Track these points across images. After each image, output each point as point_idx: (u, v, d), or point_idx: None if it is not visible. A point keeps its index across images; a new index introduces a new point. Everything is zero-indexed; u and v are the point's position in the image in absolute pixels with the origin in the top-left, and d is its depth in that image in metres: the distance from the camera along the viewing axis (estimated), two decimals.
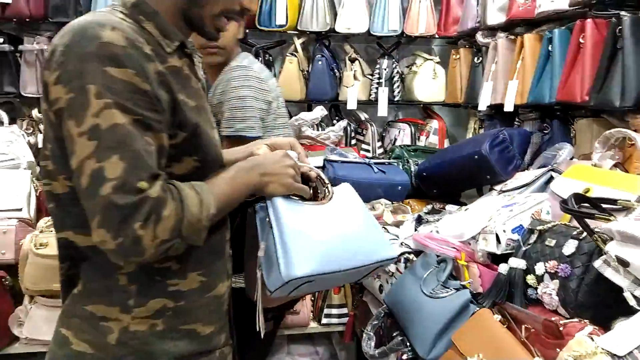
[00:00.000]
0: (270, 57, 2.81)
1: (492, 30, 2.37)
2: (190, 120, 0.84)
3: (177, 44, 0.86)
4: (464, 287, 1.29)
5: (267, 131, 1.53)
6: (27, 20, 2.47)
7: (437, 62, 2.86)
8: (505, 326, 1.13)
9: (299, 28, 2.69)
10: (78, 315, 0.87)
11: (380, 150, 2.95)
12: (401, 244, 1.58)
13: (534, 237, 1.19)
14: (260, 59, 2.71)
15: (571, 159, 1.74)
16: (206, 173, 0.91)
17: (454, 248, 1.34)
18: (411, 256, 1.53)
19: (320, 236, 0.97)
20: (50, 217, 1.42)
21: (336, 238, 0.99)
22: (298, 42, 2.74)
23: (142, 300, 0.86)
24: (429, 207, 1.96)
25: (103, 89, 0.72)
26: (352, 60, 2.87)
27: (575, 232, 1.10)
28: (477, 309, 1.22)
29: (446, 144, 2.99)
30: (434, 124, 2.97)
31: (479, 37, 2.42)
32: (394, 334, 1.40)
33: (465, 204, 2.13)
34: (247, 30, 2.73)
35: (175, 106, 0.82)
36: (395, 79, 2.85)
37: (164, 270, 0.87)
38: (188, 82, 0.88)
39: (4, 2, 2.41)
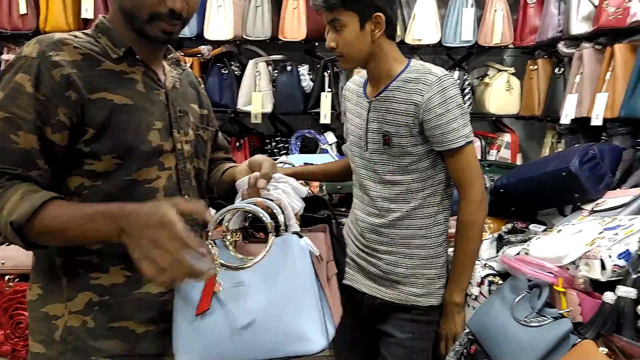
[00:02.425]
0: (337, 69, 2.80)
1: (575, 40, 2.25)
2: (99, 117, 0.92)
3: (124, 50, 0.97)
4: (563, 316, 1.20)
5: None
6: None
7: (512, 73, 2.76)
8: None
9: None
10: (34, 319, 1.00)
11: None
12: (485, 265, 1.50)
13: None
14: (328, 71, 2.70)
15: None
16: (131, 172, 0.95)
17: (551, 273, 1.25)
18: (496, 279, 1.45)
19: (213, 323, 0.90)
20: None
21: (232, 328, 0.89)
22: None
23: (72, 294, 0.96)
24: (509, 226, 1.85)
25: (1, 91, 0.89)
26: None
27: None
28: (579, 340, 1.13)
29: (519, 158, 2.87)
30: (506, 137, 2.85)
31: (562, 47, 2.30)
32: None
33: (545, 223, 2.01)
34: (317, 44, 2.75)
35: (83, 103, 0.91)
36: (467, 90, 2.76)
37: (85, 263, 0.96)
38: (127, 83, 0.97)
39: None
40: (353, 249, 1.55)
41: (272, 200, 0.96)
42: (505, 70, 2.75)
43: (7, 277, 1.84)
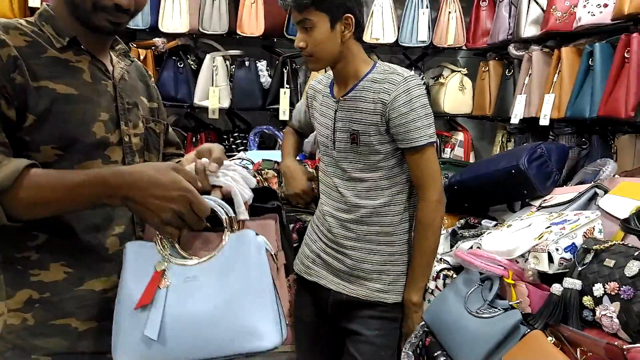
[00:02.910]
0: (296, 66, 2.80)
1: (525, 43, 2.34)
2: (40, 106, 0.88)
3: (68, 40, 0.94)
4: (513, 307, 1.24)
5: None
6: None
7: (465, 74, 2.84)
8: (559, 348, 1.09)
9: None
10: None
11: None
12: (440, 259, 1.54)
13: (589, 257, 1.14)
14: (287, 67, 2.70)
15: (613, 176, 1.69)
16: (73, 164, 0.92)
17: (501, 266, 1.30)
18: (450, 273, 1.49)
19: (157, 315, 0.84)
20: None
21: (184, 321, 0.85)
22: None
23: (11, 292, 0.92)
24: (462, 221, 1.91)
25: None
26: None
27: (637, 253, 1.05)
28: (528, 330, 1.18)
29: (471, 156, 2.96)
30: (460, 136, 2.93)
31: (512, 50, 2.39)
32: (436, 354, 1.35)
33: (495, 219, 2.08)
34: (275, 39, 2.73)
35: (27, 88, 0.88)
36: None
37: (25, 260, 0.92)
38: (72, 73, 0.94)
39: None
40: (320, 246, 1.55)
41: (221, 187, 0.94)
42: (459, 71, 2.83)
43: None
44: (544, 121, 2.04)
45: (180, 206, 0.84)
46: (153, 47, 2.59)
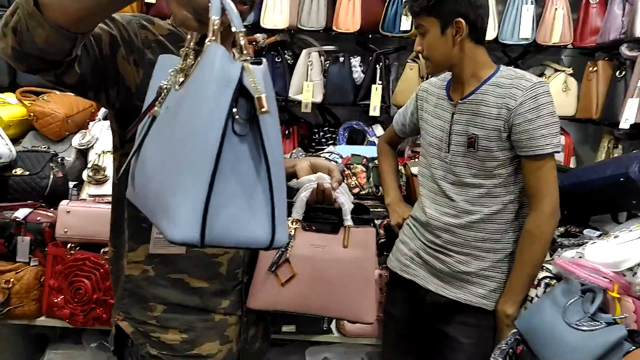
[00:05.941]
0: (389, 62, 2.80)
1: (639, 43, 2.17)
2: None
3: (199, 37, 0.98)
4: (616, 322, 1.18)
5: None
6: None
7: (570, 74, 2.68)
8: None
9: None
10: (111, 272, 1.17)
11: None
12: (541, 267, 1.48)
13: None
14: (380, 63, 2.70)
15: None
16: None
17: (606, 278, 1.23)
18: (553, 282, 1.43)
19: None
20: None
21: (139, 170, 0.74)
22: None
23: (134, 245, 1.07)
24: (561, 229, 1.82)
25: None
26: None
27: None
28: (633, 348, 1.12)
29: (572, 162, 2.79)
30: (561, 139, 2.78)
31: (624, 50, 2.23)
32: None
33: (597, 229, 1.97)
34: (370, 36, 2.75)
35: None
36: None
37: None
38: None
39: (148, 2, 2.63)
40: (418, 244, 1.55)
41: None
42: (563, 71, 2.68)
43: (69, 245, 1.89)
44: None
45: None
46: (254, 42, 2.71)
